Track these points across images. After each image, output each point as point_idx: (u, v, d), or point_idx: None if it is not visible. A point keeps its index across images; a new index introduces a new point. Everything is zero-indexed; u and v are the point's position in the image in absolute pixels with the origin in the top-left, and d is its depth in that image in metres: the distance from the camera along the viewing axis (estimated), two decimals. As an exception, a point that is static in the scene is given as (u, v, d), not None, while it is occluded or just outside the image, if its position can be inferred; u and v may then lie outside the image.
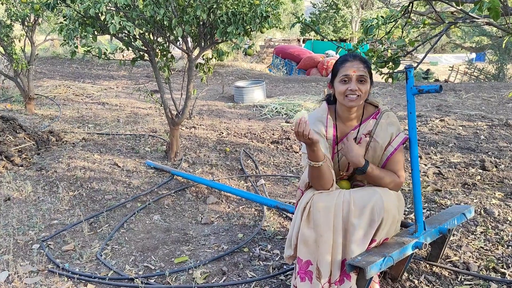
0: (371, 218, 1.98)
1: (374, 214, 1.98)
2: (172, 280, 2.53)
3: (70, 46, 3.75)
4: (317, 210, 2.03)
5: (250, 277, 2.53)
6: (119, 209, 3.55)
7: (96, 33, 3.82)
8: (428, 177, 3.83)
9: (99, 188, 3.88)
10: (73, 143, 5.16)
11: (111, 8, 3.69)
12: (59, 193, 3.78)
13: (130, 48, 4.08)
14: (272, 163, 4.50)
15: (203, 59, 4.43)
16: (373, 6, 28.10)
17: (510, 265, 2.46)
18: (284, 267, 2.60)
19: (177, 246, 2.95)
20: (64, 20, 3.72)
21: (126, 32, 3.80)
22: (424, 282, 2.36)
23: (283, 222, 3.24)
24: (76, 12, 3.72)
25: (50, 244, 3.03)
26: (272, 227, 3.13)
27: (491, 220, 2.97)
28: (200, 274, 2.56)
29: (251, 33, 3.97)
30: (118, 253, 2.90)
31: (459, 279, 2.38)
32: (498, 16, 1.85)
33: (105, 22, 3.55)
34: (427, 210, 3.20)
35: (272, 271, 2.58)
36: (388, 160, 2.16)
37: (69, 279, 2.57)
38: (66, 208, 3.57)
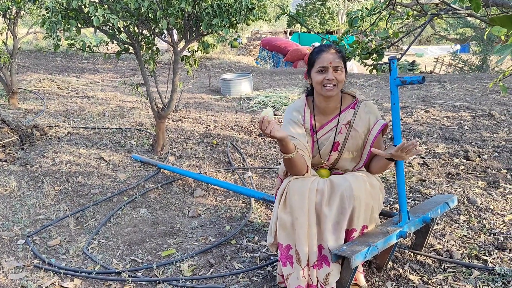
0: (341, 206, 2.01)
1: (344, 201, 2.01)
2: (159, 273, 2.53)
3: (53, 39, 3.70)
4: (292, 195, 2.08)
5: (237, 269, 2.55)
6: (105, 203, 3.54)
7: (79, 25, 3.77)
8: (413, 168, 3.88)
9: (85, 183, 3.85)
10: (58, 138, 5.10)
11: (95, 0, 3.64)
12: (44, 188, 3.75)
13: (114, 41, 4.04)
14: (259, 156, 4.51)
15: (189, 51, 4.41)
16: (359, -2, 28.13)
17: (492, 253, 2.51)
18: (271, 258, 2.62)
19: (164, 239, 2.95)
20: (47, 12, 3.66)
21: (110, 24, 3.75)
22: (408, 271, 2.40)
23: (270, 214, 3.25)
24: (58, 4, 3.67)
25: (35, 240, 3.00)
26: (259, 219, 3.15)
27: (474, 209, 3.02)
28: (188, 266, 2.57)
29: (237, 25, 3.96)
30: (105, 247, 2.89)
31: (442, 267, 2.43)
32: (479, 7, 1.87)
33: (89, 15, 3.51)
34: (412, 200, 3.24)
35: (259, 263, 2.60)
36: (372, 147, 2.19)
37: (55, 274, 2.56)
38: (51, 203, 3.54)
